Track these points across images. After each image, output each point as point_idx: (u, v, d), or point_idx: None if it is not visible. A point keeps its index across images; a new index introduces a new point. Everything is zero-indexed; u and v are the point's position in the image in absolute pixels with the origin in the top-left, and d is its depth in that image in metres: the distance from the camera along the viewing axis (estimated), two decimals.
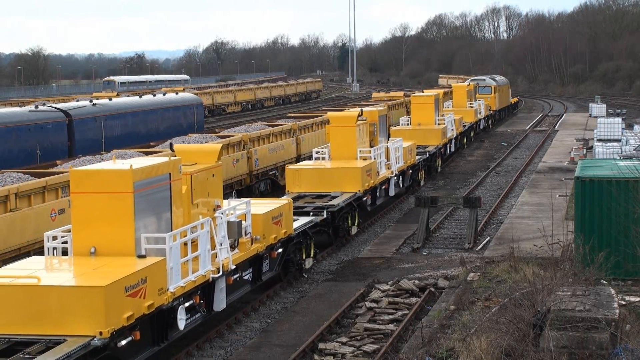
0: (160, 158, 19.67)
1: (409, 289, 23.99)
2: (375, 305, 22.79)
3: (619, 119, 55.93)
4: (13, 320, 15.41)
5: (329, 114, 36.12)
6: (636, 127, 57.93)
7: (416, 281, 24.67)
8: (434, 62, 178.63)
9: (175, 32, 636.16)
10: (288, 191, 30.70)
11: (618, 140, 50.61)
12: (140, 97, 53.63)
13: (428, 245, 30.12)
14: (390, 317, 21.87)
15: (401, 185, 37.55)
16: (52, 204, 23.87)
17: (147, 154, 30.07)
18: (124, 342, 15.89)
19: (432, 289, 23.82)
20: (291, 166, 32.31)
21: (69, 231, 18.04)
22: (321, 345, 19.70)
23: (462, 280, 23.90)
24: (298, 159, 41.06)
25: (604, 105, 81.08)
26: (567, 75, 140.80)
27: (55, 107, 41.97)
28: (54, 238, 18.10)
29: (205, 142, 33.76)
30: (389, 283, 24.66)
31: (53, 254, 17.97)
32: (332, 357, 19.26)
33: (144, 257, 17.22)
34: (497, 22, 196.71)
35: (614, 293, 17.63)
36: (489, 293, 21.60)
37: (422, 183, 42.34)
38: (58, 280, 16.17)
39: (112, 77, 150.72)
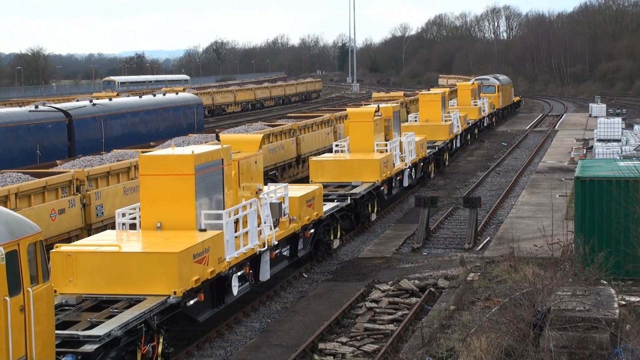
0: (215, 146, 22.24)
1: (409, 289, 23.98)
2: (375, 305, 22.79)
3: (619, 119, 55.91)
4: (99, 282, 17.73)
5: (348, 110, 38.34)
6: (636, 127, 57.91)
7: (416, 281, 24.67)
8: (434, 62, 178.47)
9: (175, 32, 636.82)
10: (312, 181, 32.59)
11: (618, 140, 50.61)
12: (140, 97, 53.56)
13: (428, 245, 30.13)
14: (390, 317, 21.87)
15: (414, 176, 39.76)
16: (52, 204, 23.82)
17: None
18: (191, 302, 18.14)
19: (432, 289, 23.82)
20: (314, 158, 34.62)
21: (135, 209, 20.59)
22: (321, 345, 19.71)
23: (462, 280, 23.89)
24: (298, 159, 41.14)
25: (604, 105, 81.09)
26: (567, 75, 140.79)
27: (55, 107, 41.91)
28: (123, 215, 20.50)
29: (205, 142, 33.83)
30: (389, 283, 24.66)
31: (122, 229, 20.33)
32: (332, 357, 19.26)
33: (204, 230, 19.56)
34: (497, 22, 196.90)
35: (614, 293, 17.62)
36: (489, 293, 21.60)
37: (432, 175, 44.72)
38: (137, 248, 18.74)
39: (112, 77, 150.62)
